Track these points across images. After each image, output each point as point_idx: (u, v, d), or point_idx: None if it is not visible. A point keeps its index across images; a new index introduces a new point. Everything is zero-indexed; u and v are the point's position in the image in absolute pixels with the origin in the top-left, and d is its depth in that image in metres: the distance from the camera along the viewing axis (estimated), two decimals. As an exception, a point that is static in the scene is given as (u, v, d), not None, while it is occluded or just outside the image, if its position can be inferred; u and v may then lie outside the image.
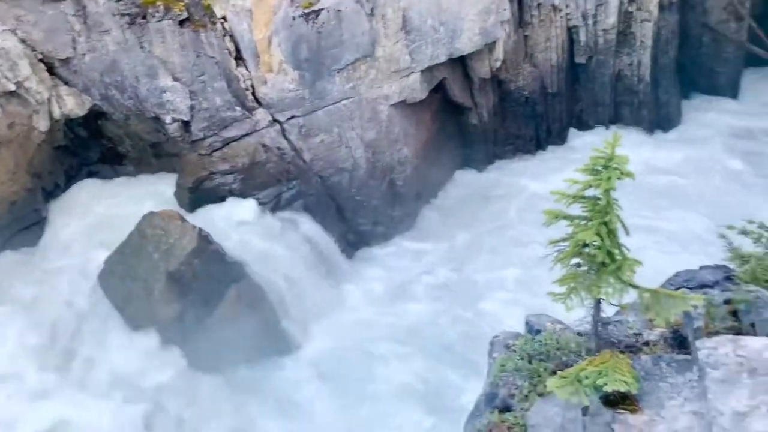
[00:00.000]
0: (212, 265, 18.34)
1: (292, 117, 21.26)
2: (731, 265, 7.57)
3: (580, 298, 6.43)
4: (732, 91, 28.94)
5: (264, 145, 21.40)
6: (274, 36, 19.78)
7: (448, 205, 24.87)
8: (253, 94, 20.93)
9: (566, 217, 6.70)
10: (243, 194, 21.36)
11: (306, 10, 19.52)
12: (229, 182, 21.30)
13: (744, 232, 6.34)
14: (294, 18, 19.52)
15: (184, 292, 17.83)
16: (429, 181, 24.81)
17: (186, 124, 20.84)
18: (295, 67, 20.35)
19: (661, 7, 25.18)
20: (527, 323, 7.85)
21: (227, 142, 21.20)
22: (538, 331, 7.29)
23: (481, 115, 25.40)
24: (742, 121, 27.30)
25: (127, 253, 18.18)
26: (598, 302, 6.49)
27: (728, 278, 7.57)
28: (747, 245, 7.01)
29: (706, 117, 27.71)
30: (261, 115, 21.07)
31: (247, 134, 21.19)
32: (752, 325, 5.70)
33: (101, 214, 20.91)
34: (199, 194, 21.06)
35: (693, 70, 28.80)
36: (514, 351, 6.91)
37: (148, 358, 17.35)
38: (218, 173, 21.26)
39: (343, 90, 21.24)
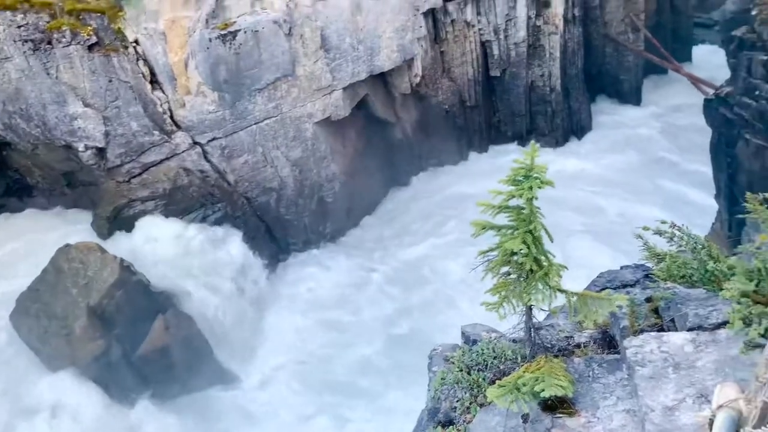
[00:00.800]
0: (136, 297, 17.63)
1: (214, 139, 20.84)
2: (649, 264, 7.96)
3: (512, 305, 6.57)
4: (635, 96, 30.86)
5: (185, 169, 20.84)
6: (191, 58, 19.36)
7: (378, 218, 25.10)
8: (172, 117, 20.37)
9: (493, 227, 6.85)
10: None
11: (222, 32, 19.23)
12: (151, 209, 20.55)
13: (658, 233, 6.69)
14: (210, 40, 19.19)
15: (107, 327, 17.00)
16: (359, 196, 24.93)
17: (101, 152, 19.98)
18: (214, 88, 19.98)
19: (566, 21, 26.55)
20: (463, 333, 7.95)
21: (146, 168, 20.49)
22: (475, 341, 7.40)
23: (404, 129, 25.84)
24: (644, 124, 29.11)
25: (41, 289, 17.17)
26: (529, 309, 6.66)
27: (647, 276, 7.98)
28: (661, 244, 7.40)
29: (614, 122, 29.37)
30: (181, 138, 20.53)
31: (167, 158, 20.57)
32: (672, 320, 6.05)
33: (9, 250, 19.66)
34: (118, 223, 20.19)
35: (599, 78, 30.52)
36: (453, 363, 6.98)
37: (70, 400, 16.37)
38: (138, 200, 20.49)
39: (265, 109, 21.04)
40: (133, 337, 17.36)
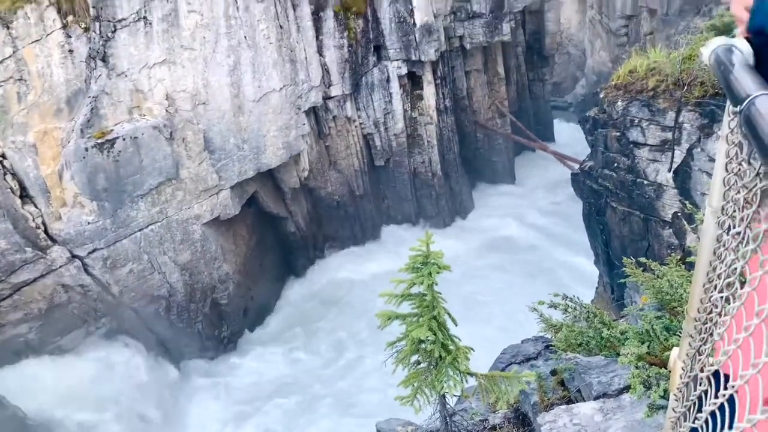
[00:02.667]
0: (10, 435, 15.68)
1: (94, 250, 19.65)
2: (547, 335, 8.28)
3: (426, 396, 6.52)
4: (509, 175, 33.12)
5: (63, 285, 19.34)
6: (66, 169, 18.46)
7: (276, 315, 24.42)
8: (46, 231, 19.06)
9: (398, 316, 6.90)
10: (42, 343, 18.89)
11: (99, 140, 18.62)
12: (24, 333, 18.72)
13: (553, 306, 7.03)
14: (87, 149, 18.49)
15: (-26, 475, 14.85)
16: (255, 295, 24.24)
17: (-37, 276, 18.14)
18: (92, 198, 19.06)
19: (439, 112, 28.46)
20: (378, 431, 7.73)
21: (18, 288, 18.78)
22: (392, 438, 7.21)
23: (297, 222, 25.86)
24: (521, 199, 31.15)
25: None
26: (443, 397, 6.64)
27: (547, 347, 8.26)
28: (556, 315, 7.75)
29: (493, 200, 31.18)
30: (57, 253, 19.16)
31: (41, 276, 19.02)
32: (579, 391, 6.25)
33: None
34: (-15, 353, 18.13)
35: (475, 161, 32.56)
36: (372, 464, 6.73)
37: None
38: (9, 324, 18.60)
39: (149, 215, 20.29)
40: (7, 484, 15.26)
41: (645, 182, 15.73)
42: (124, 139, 19.02)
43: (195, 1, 19.65)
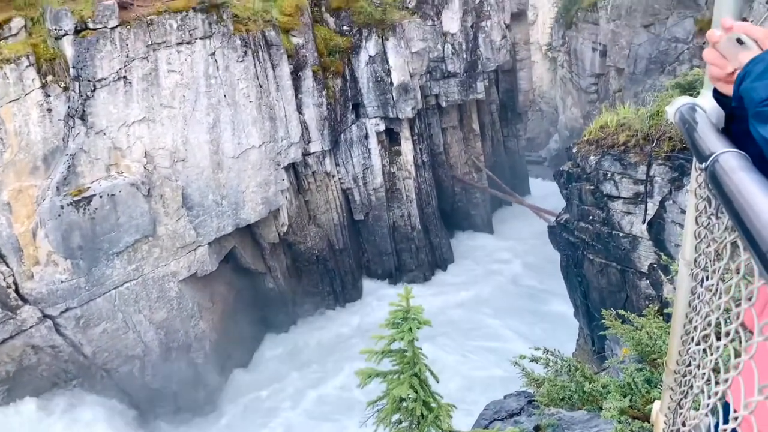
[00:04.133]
0: None
1: (67, 309, 19.16)
2: (530, 390, 8.19)
3: (409, 457, 6.36)
4: (488, 228, 33.44)
5: (33, 346, 18.73)
6: (40, 227, 18.19)
7: (253, 377, 23.77)
8: (17, 291, 18.58)
9: (379, 374, 6.79)
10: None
11: (76, 198, 18.46)
12: (-10, 397, 17.98)
13: (534, 360, 7.00)
14: (62, 207, 18.29)
15: None
16: (232, 353, 23.68)
17: (-73, 338, 17.51)
18: (67, 256, 18.73)
19: (417, 167, 28.91)
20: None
21: (-16, 351, 18.16)
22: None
23: (276, 278, 25.61)
24: (500, 252, 31.34)
25: None
26: (426, 458, 6.48)
27: (530, 402, 8.17)
28: (539, 369, 7.70)
29: (472, 253, 31.32)
30: (28, 313, 18.62)
31: (10, 337, 18.41)
32: (563, 447, 6.15)
33: None
34: (-53, 421, 17.31)
35: (454, 214, 32.89)
36: None
37: None
38: (-26, 390, 17.88)
39: (124, 273, 19.95)
40: None
41: (620, 234, 15.98)
42: (100, 197, 18.88)
43: (175, 61, 19.97)
